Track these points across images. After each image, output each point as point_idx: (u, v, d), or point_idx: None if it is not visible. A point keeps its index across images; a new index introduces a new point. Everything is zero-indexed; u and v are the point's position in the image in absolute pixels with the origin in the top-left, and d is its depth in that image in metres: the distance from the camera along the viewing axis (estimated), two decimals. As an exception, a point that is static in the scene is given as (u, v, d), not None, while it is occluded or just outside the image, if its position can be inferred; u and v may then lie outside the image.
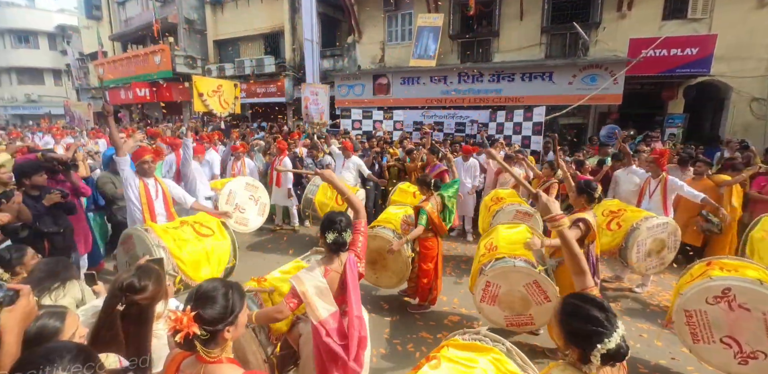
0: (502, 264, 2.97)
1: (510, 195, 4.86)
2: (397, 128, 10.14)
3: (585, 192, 2.94)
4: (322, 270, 1.99)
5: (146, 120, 17.50)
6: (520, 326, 3.04)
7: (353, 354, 1.96)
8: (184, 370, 1.22)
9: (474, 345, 1.59)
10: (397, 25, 12.03)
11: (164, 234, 3.04)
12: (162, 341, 1.54)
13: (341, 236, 2.01)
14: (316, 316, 1.92)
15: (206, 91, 9.79)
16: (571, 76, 9.34)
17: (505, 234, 3.40)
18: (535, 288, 2.87)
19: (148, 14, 15.86)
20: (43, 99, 27.69)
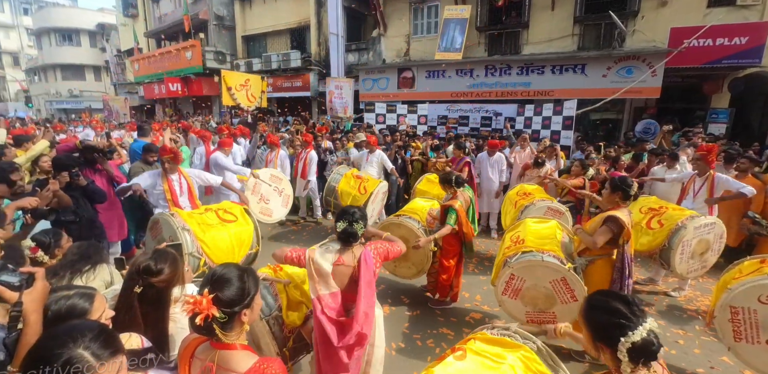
0: (530, 258, 2.86)
1: (537, 190, 4.68)
2: (422, 122, 10.02)
3: (620, 189, 2.77)
4: (335, 258, 2.01)
5: (178, 113, 18.10)
6: (541, 323, 2.91)
7: (345, 342, 1.93)
8: (198, 356, 1.23)
9: (503, 340, 1.53)
10: (422, 18, 11.83)
11: (189, 219, 3.13)
12: (179, 324, 1.56)
13: (351, 226, 2.02)
14: (315, 290, 1.97)
15: (234, 85, 10.03)
16: (605, 69, 8.91)
17: (534, 228, 3.27)
18: (563, 285, 2.75)
19: (180, 11, 16.32)
20: (84, 94, 29.21)
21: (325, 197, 5.60)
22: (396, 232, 3.73)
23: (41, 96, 30.78)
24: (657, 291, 4.16)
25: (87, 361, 0.87)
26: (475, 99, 10.58)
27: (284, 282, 2.29)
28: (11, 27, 36.40)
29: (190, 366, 1.24)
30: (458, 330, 3.35)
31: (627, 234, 2.69)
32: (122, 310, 1.41)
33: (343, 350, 1.94)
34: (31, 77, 33.42)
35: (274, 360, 1.19)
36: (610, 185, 2.84)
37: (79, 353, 0.87)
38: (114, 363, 0.92)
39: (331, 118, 11.59)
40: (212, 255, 3.10)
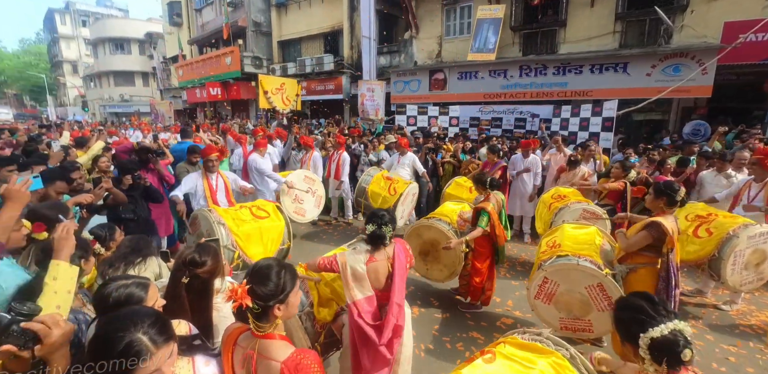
0: (564, 261, 2.77)
1: (573, 193, 4.52)
2: (453, 124, 9.94)
3: (664, 194, 2.63)
4: (366, 257, 2.04)
5: (218, 116, 18.95)
6: (575, 331, 2.82)
7: (385, 338, 1.98)
8: (240, 344, 1.30)
9: (534, 345, 1.49)
10: (455, 19, 11.74)
11: (225, 214, 3.33)
12: (221, 313, 1.65)
13: (380, 229, 2.07)
14: (351, 296, 2.00)
15: (270, 88, 10.40)
16: (649, 67, 8.45)
17: (572, 233, 3.17)
18: (599, 291, 2.65)
19: (221, 19, 17.11)
20: (133, 98, 31.30)
21: (356, 198, 5.69)
22: (426, 234, 3.76)
23: (96, 100, 33.26)
24: (706, 304, 3.90)
25: (145, 345, 0.94)
26: (508, 100, 10.35)
27: (315, 279, 2.36)
28: (72, 38, 39.62)
29: (233, 353, 1.31)
30: (489, 335, 3.30)
31: (671, 242, 2.54)
32: (171, 299, 1.51)
33: (384, 346, 1.99)
34: (88, 83, 36.19)
35: (310, 352, 1.24)
36: (654, 190, 2.70)
37: (138, 337, 0.95)
38: (167, 349, 1.00)
39: (361, 120, 11.74)
40: (245, 249, 3.26)
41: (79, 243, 1.70)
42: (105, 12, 40.03)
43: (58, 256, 1.45)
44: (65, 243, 1.48)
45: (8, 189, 1.50)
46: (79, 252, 1.64)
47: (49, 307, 1.35)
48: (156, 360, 0.97)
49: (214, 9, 18.86)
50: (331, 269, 2.03)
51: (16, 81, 42.58)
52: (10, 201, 1.50)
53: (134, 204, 3.55)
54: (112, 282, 1.40)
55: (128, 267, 2.12)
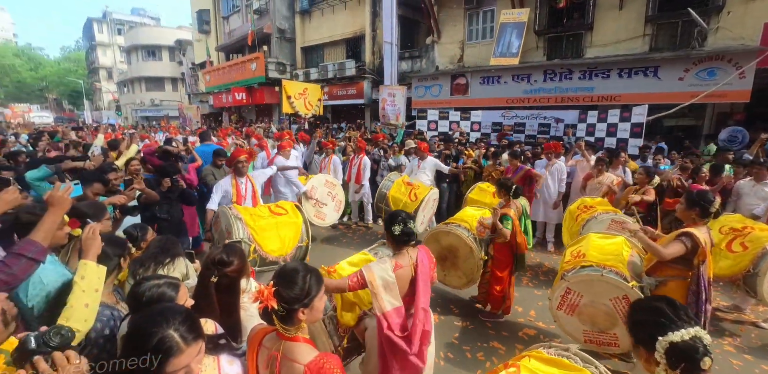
0: (589, 272, 2.68)
1: (600, 203, 4.37)
2: (475, 129, 9.84)
3: (698, 205, 2.50)
4: (392, 265, 2.01)
5: (242, 120, 19.45)
6: (600, 345, 2.71)
7: (415, 347, 1.96)
8: (265, 345, 1.32)
9: (561, 361, 1.44)
10: (477, 23, 11.68)
11: (243, 211, 3.42)
12: (248, 312, 1.69)
13: (407, 226, 2.04)
14: (381, 308, 1.95)
15: (294, 93, 10.61)
16: (682, 71, 8.14)
17: (598, 243, 3.06)
18: (625, 304, 2.53)
19: (247, 26, 17.62)
20: (163, 103, 32.57)
21: (377, 203, 5.69)
22: (445, 240, 3.71)
23: (128, 105, 34.83)
24: (743, 321, 3.69)
25: (176, 342, 0.98)
26: (532, 105, 10.18)
27: None
28: (108, 45, 41.73)
29: (258, 353, 1.33)
30: (510, 346, 3.23)
31: (702, 254, 2.43)
32: (201, 298, 1.56)
33: (416, 356, 1.97)
34: (121, 88, 37.97)
35: (333, 356, 1.25)
36: (687, 200, 2.58)
37: (170, 334, 0.98)
38: (196, 346, 1.03)
39: (382, 125, 11.79)
40: (261, 243, 3.29)
41: (117, 242, 1.77)
42: (139, 20, 42.04)
43: (85, 256, 1.52)
44: (92, 243, 1.55)
45: (52, 195, 1.59)
46: (118, 250, 1.71)
47: (78, 305, 1.42)
48: (185, 356, 1.00)
49: (241, 17, 19.44)
50: (362, 286, 1.98)
51: (56, 86, 45.10)
52: (53, 207, 1.58)
53: (169, 205, 3.70)
54: (145, 282, 1.46)
55: (158, 266, 2.19)
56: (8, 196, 1.90)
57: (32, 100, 43.71)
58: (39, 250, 1.49)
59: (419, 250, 2.09)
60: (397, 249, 2.10)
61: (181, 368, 1.00)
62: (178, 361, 0.99)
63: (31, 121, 26.04)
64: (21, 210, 1.93)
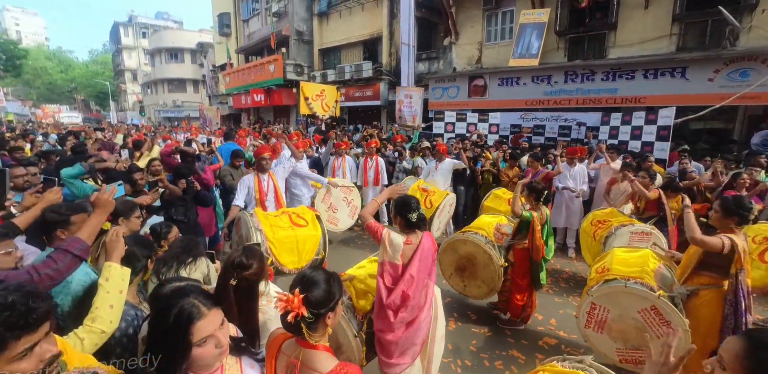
0: (612, 285, 2.58)
1: (612, 214, 4.20)
2: (493, 131, 9.70)
3: (735, 213, 2.36)
4: (404, 238, 2.29)
5: (260, 121, 19.74)
6: (637, 364, 2.55)
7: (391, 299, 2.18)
8: (284, 351, 1.30)
9: None
10: (496, 24, 11.52)
11: (264, 220, 3.40)
12: (266, 316, 1.68)
13: (420, 212, 2.31)
14: (382, 256, 2.27)
15: (311, 95, 10.70)
16: (712, 72, 7.81)
17: (622, 257, 2.95)
18: (654, 316, 2.41)
19: (266, 29, 17.88)
20: (184, 104, 33.41)
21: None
22: (462, 249, 3.65)
23: (152, 106, 35.86)
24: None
25: (196, 306, 1.08)
26: (552, 107, 9.96)
27: (348, 278, 2.51)
28: (133, 48, 43.15)
29: (276, 360, 1.31)
30: (530, 355, 3.14)
31: (739, 262, 2.30)
32: (220, 300, 1.56)
33: (390, 309, 2.19)
34: (145, 90, 39.15)
35: (353, 366, 1.22)
36: (723, 208, 2.43)
37: (189, 300, 1.09)
38: (218, 313, 1.13)
39: (398, 126, 11.75)
40: (279, 256, 3.30)
41: (145, 243, 1.80)
42: (162, 24, 43.33)
43: (110, 258, 1.55)
44: (115, 246, 1.57)
45: (98, 197, 1.65)
46: (146, 251, 1.73)
47: (103, 307, 1.44)
48: (208, 321, 1.07)
49: (260, 19, 19.75)
50: (375, 232, 2.31)
51: (84, 88, 46.91)
52: (99, 208, 1.64)
53: (185, 207, 3.74)
54: (167, 284, 1.47)
55: (180, 266, 2.21)
56: (52, 196, 1.98)
57: (62, 101, 45.58)
58: (84, 248, 1.56)
59: (425, 236, 2.33)
60: (408, 231, 2.32)
61: (207, 335, 1.06)
62: (203, 325, 1.05)
63: (60, 121, 27.14)
64: (47, 209, 1.99)
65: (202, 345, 1.06)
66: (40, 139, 9.74)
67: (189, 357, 1.05)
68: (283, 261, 3.34)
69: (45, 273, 1.46)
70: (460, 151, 6.72)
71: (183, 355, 1.04)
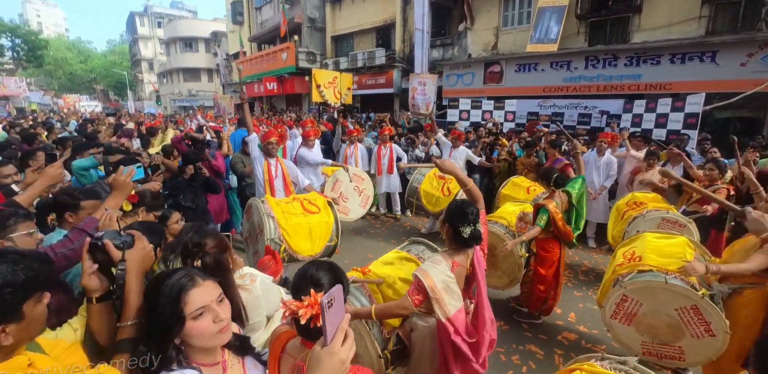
0: (649, 278, 2.41)
1: (654, 199, 3.97)
2: (509, 119, 9.43)
3: None
4: (450, 264, 1.85)
5: (273, 110, 19.74)
6: (662, 358, 2.45)
7: (483, 356, 1.85)
8: (289, 352, 1.21)
9: None
10: (513, 9, 11.09)
11: (276, 207, 3.35)
12: (252, 294, 1.64)
13: (476, 229, 1.86)
14: (445, 313, 1.79)
15: (323, 82, 10.55)
16: (744, 56, 7.37)
17: (655, 244, 2.76)
18: (694, 315, 2.27)
19: (279, 16, 17.68)
20: (199, 93, 33.67)
21: (407, 198, 5.55)
22: None
23: (167, 95, 36.26)
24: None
25: (189, 276, 1.06)
26: (571, 94, 9.60)
27: (376, 282, 2.22)
28: (149, 38, 43.48)
29: (280, 361, 1.22)
30: (549, 350, 3.04)
31: None
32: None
33: (479, 365, 1.89)
34: (161, 79, 39.55)
35: (366, 370, 1.13)
36: None
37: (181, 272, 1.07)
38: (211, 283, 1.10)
39: (411, 114, 11.56)
40: (292, 243, 3.26)
41: (156, 230, 1.76)
42: (177, 13, 43.41)
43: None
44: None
45: (116, 179, 1.63)
46: (156, 239, 1.70)
47: None
48: (203, 290, 1.04)
49: (273, 7, 19.53)
50: (424, 298, 1.78)
51: (103, 78, 47.73)
52: (117, 190, 1.63)
53: (194, 194, 3.72)
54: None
55: None
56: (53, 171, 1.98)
57: (82, 91, 46.55)
58: None
59: (476, 249, 1.93)
60: (455, 247, 1.93)
61: (203, 306, 1.02)
62: (197, 294, 1.02)
63: (79, 109, 27.73)
64: (60, 192, 1.99)
65: (197, 317, 1.01)
66: (58, 126, 9.90)
67: (182, 329, 0.99)
68: (297, 248, 3.30)
69: (61, 253, 1.47)
70: (475, 139, 6.55)
71: (176, 326, 0.99)
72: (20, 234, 1.62)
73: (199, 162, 3.90)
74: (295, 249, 3.28)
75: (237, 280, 1.64)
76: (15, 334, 0.91)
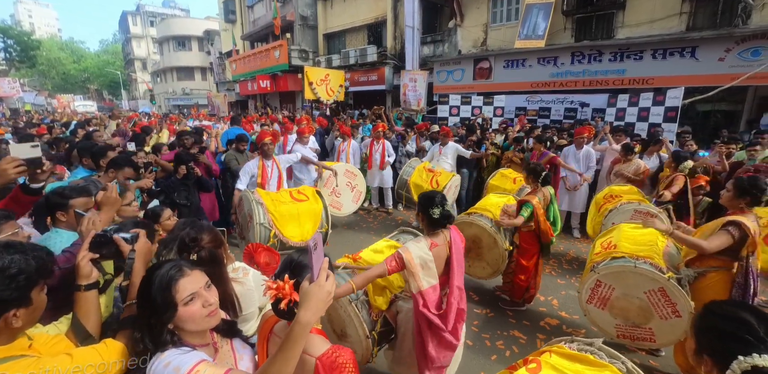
0: (621, 263, 2.57)
1: (629, 192, 4.17)
2: (498, 114, 9.61)
3: (749, 194, 2.33)
4: (428, 244, 2.03)
5: (266, 107, 19.80)
6: (634, 340, 2.60)
7: (450, 324, 2.00)
8: (276, 333, 1.29)
9: (584, 357, 1.36)
10: (502, 5, 11.24)
11: (265, 195, 3.51)
12: (245, 287, 1.74)
13: (445, 209, 2.05)
14: (418, 286, 1.96)
15: (315, 80, 10.68)
16: (723, 51, 7.58)
17: (630, 234, 2.93)
18: (661, 297, 2.42)
19: (271, 14, 17.71)
20: (193, 92, 33.56)
21: (397, 190, 5.71)
22: (467, 231, 3.61)
23: (161, 94, 36.08)
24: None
25: (178, 267, 1.14)
26: (558, 89, 9.80)
27: (365, 268, 2.31)
28: (141, 37, 43.16)
29: (268, 341, 1.29)
30: (531, 335, 3.20)
31: (752, 245, 2.28)
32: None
33: (450, 333, 2.02)
34: (155, 78, 39.33)
35: (346, 350, 1.19)
36: (737, 187, 2.39)
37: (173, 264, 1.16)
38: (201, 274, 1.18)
39: (402, 110, 11.71)
40: (281, 228, 3.37)
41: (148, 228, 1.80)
42: (170, 12, 43.10)
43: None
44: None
45: (105, 196, 1.72)
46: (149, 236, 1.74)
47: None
48: (191, 279, 1.13)
49: (265, 5, 19.53)
50: (400, 267, 1.97)
51: (97, 77, 47.36)
52: (106, 206, 1.72)
53: (187, 191, 3.87)
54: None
55: None
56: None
57: (76, 91, 46.17)
58: None
59: (451, 230, 2.13)
60: (433, 230, 2.11)
61: (193, 293, 1.11)
62: (186, 283, 1.11)
63: (74, 109, 27.60)
64: (51, 192, 2.02)
65: (188, 303, 1.10)
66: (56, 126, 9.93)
67: (175, 315, 1.09)
68: (287, 233, 3.40)
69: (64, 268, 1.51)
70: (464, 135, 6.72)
71: (169, 313, 1.08)
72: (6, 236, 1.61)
73: (191, 161, 4.03)
74: (286, 235, 3.37)
75: (231, 274, 1.73)
76: (23, 318, 1.01)
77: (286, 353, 0.99)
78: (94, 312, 1.29)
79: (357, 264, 2.41)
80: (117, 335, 1.23)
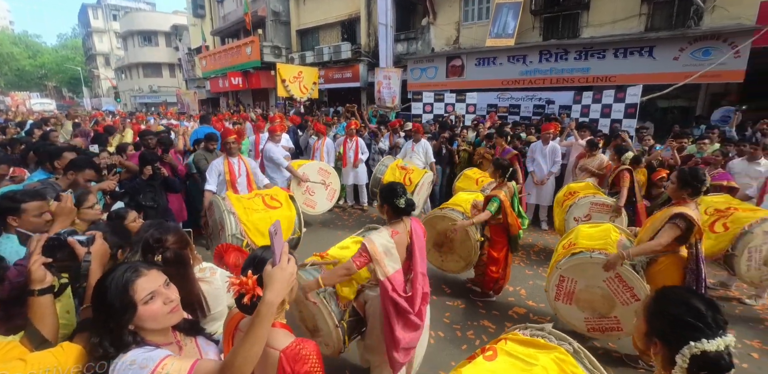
0: (578, 257, 2.73)
1: (584, 187, 4.43)
2: (470, 111, 9.80)
3: (689, 185, 2.45)
4: (390, 232, 2.16)
5: (239, 105, 19.36)
6: (604, 332, 2.74)
7: (417, 306, 2.14)
8: (241, 329, 1.28)
9: (536, 341, 1.47)
10: (473, 4, 11.44)
11: (237, 203, 3.44)
12: (213, 286, 1.75)
13: (408, 198, 2.19)
14: (384, 272, 2.09)
15: (288, 77, 10.54)
16: (677, 50, 8.02)
17: (586, 232, 3.11)
18: (619, 283, 2.57)
19: (242, 9, 17.28)
20: (161, 89, 32.30)
21: (372, 188, 5.75)
22: (440, 225, 3.74)
23: (127, 91, 34.54)
24: (730, 298, 3.78)
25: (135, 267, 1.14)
26: (527, 86, 10.09)
27: (332, 262, 2.41)
28: (104, 31, 41.01)
29: (234, 338, 1.31)
30: (500, 324, 3.32)
31: (699, 232, 2.42)
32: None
33: (416, 315, 2.16)
34: (119, 75, 37.56)
35: (310, 342, 1.21)
36: (679, 179, 2.51)
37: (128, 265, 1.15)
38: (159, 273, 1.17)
39: (377, 107, 11.74)
40: (253, 237, 3.35)
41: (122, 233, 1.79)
42: (134, 5, 41.14)
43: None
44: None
45: (60, 206, 1.71)
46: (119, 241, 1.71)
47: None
48: (149, 278, 1.13)
49: (235, 0, 19.04)
50: (369, 261, 2.07)
51: (55, 74, 44.64)
52: (61, 216, 1.72)
53: (154, 192, 3.75)
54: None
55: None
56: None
57: (32, 88, 43.32)
58: None
59: (412, 220, 2.26)
60: (396, 218, 2.23)
61: (152, 291, 1.11)
62: (144, 282, 1.10)
63: (32, 108, 25.99)
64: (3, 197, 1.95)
65: (149, 301, 1.10)
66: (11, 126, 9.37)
67: (135, 315, 1.08)
68: (258, 242, 3.36)
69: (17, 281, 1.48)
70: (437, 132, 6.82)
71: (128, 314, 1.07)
72: None
73: (157, 161, 3.91)
74: (257, 243, 3.35)
75: (198, 274, 1.73)
76: None
77: (254, 333, 1.02)
78: (50, 317, 1.27)
79: (324, 260, 2.46)
80: (74, 338, 1.21)
